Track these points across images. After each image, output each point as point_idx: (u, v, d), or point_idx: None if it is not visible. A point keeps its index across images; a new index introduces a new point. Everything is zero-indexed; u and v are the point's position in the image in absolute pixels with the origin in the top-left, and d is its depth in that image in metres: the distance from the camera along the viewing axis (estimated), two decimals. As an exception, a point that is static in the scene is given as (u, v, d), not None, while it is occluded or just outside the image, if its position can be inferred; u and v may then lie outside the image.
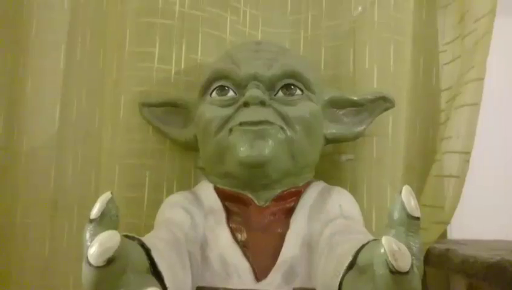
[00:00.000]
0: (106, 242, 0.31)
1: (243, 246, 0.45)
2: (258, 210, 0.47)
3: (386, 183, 0.56)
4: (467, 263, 0.46)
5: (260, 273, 0.44)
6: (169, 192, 0.54)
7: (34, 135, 0.65)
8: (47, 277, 0.62)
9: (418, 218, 0.32)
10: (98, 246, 0.31)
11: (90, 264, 0.31)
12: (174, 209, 0.48)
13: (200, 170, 0.56)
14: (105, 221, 0.33)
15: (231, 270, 0.44)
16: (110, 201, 0.33)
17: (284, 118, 0.46)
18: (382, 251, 0.30)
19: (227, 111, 0.47)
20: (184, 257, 0.43)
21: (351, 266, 0.36)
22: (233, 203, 0.48)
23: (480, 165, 0.58)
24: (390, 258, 0.30)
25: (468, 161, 0.56)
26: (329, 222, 0.45)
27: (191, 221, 0.46)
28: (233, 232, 0.46)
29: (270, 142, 0.45)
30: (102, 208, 0.33)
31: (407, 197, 0.32)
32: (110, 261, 0.31)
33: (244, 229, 0.46)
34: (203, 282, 0.44)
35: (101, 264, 0.31)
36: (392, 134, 0.57)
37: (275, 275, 0.43)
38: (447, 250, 0.49)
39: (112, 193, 0.34)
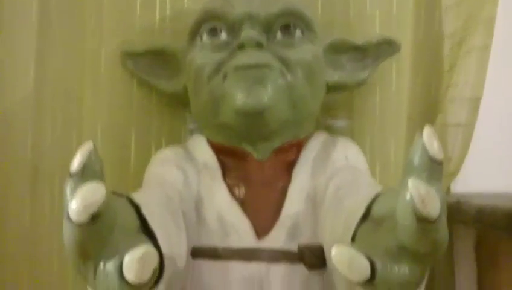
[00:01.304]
0: (89, 196, 0.27)
1: (242, 202, 0.41)
2: (257, 164, 0.43)
3: (389, 136, 0.53)
4: (483, 213, 0.43)
5: (261, 230, 0.40)
6: (158, 151, 0.50)
7: (8, 96, 0.59)
8: (29, 246, 0.58)
9: (441, 162, 0.29)
10: (80, 201, 0.27)
11: (71, 221, 0.27)
12: (165, 166, 0.44)
13: (191, 130, 0.52)
14: (87, 175, 0.28)
15: (229, 228, 0.40)
16: (92, 152, 0.29)
17: (283, 61, 0.42)
18: (408, 197, 0.27)
19: (221, 55, 0.42)
20: (178, 216, 0.39)
21: (363, 218, 0.33)
22: (229, 158, 0.44)
23: (485, 113, 0.55)
24: (418, 204, 0.26)
25: (477, 108, 0.53)
26: (335, 174, 0.41)
27: (183, 178, 0.42)
28: (230, 188, 0.42)
29: (269, 88, 0.41)
30: (83, 160, 0.29)
31: (430, 139, 0.28)
32: (94, 217, 0.27)
33: (242, 185, 0.42)
34: (200, 243, 0.40)
35: (84, 221, 0.27)
36: (396, 83, 0.53)
37: (278, 232, 0.40)
38: (458, 202, 0.46)
39: (93, 143, 0.30)
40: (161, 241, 0.32)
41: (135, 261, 0.27)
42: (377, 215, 0.32)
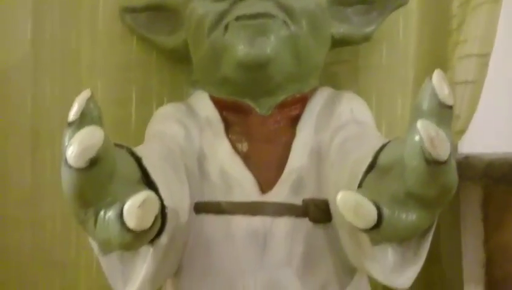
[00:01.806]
0: (87, 139, 0.26)
1: (245, 157, 0.41)
2: (260, 119, 0.42)
3: (396, 92, 0.52)
4: (493, 166, 0.42)
5: (265, 185, 0.39)
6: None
7: (5, 58, 0.58)
8: (31, 210, 0.58)
9: (451, 107, 0.28)
10: (78, 144, 0.26)
11: (70, 166, 0.26)
12: (166, 122, 0.43)
13: (193, 84, 0.51)
14: (86, 122, 0.28)
15: (233, 182, 0.39)
16: (90, 100, 0.28)
17: (287, 10, 0.40)
18: (417, 138, 0.26)
19: (222, 6, 0.41)
20: (180, 170, 0.38)
21: (369, 169, 0.32)
22: (232, 113, 0.43)
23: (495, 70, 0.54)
24: (427, 145, 0.25)
25: (486, 65, 0.51)
26: (340, 128, 0.40)
27: (185, 133, 0.41)
28: (233, 143, 0.41)
29: (272, 38, 0.39)
30: (81, 107, 0.28)
31: (440, 83, 0.27)
32: (93, 162, 0.26)
33: (245, 140, 0.41)
34: (203, 197, 0.39)
35: (83, 165, 0.26)
36: (402, 38, 0.52)
37: (282, 187, 0.39)
38: (466, 157, 0.45)
39: (91, 91, 0.29)
40: (163, 193, 0.31)
41: (136, 207, 0.27)
42: (384, 163, 0.31)
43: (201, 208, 0.39)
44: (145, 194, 0.27)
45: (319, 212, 0.38)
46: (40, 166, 0.58)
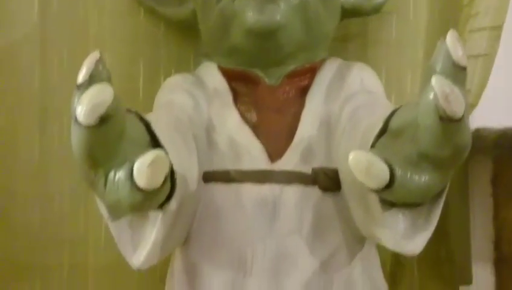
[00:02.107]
0: (97, 96, 0.26)
1: (254, 127, 0.40)
2: (269, 89, 0.42)
3: (406, 67, 0.52)
4: (504, 137, 0.41)
5: (274, 154, 0.39)
6: (167, 81, 0.49)
7: (12, 33, 0.58)
8: (40, 185, 0.58)
9: (465, 68, 0.27)
10: (88, 101, 0.26)
11: (80, 124, 0.26)
12: (174, 92, 0.42)
13: (201, 56, 0.50)
14: (95, 84, 0.27)
15: (242, 151, 0.39)
16: (99, 61, 0.28)
17: None
18: (431, 95, 0.25)
19: None
20: (188, 139, 0.38)
21: (381, 135, 0.31)
22: (240, 83, 0.42)
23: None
24: (441, 101, 0.25)
25: (498, 38, 0.50)
26: (350, 98, 0.40)
27: (193, 103, 0.41)
28: (242, 113, 0.41)
29: (283, 5, 0.39)
30: (90, 69, 0.28)
31: (454, 43, 0.27)
32: (103, 119, 0.26)
33: (254, 111, 0.41)
34: (211, 167, 0.39)
35: (92, 123, 0.26)
36: (413, 10, 0.51)
37: (291, 155, 0.39)
38: (477, 130, 0.45)
39: (100, 52, 0.29)
40: (172, 159, 0.31)
41: (146, 165, 0.27)
42: (395, 127, 0.30)
43: (210, 177, 0.39)
44: (155, 152, 0.27)
45: (328, 180, 0.38)
46: (48, 142, 0.58)
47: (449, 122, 0.25)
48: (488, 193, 0.53)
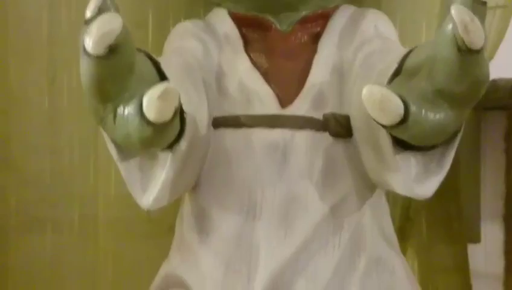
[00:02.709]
0: (106, 25, 0.26)
1: (265, 73, 0.40)
2: (280, 35, 0.41)
3: (420, 17, 0.50)
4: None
5: (285, 99, 0.38)
6: (177, 30, 0.48)
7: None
8: (50, 137, 0.58)
9: (485, 3, 0.26)
10: (97, 30, 0.25)
11: (89, 55, 0.26)
12: (184, 38, 0.42)
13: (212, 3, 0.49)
14: None
15: (252, 96, 0.39)
16: None
17: None
18: (450, 26, 0.24)
19: None
20: (198, 83, 0.38)
21: (396, 75, 0.31)
22: (251, 29, 0.41)
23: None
24: (460, 30, 0.24)
25: (519, -13, 0.49)
26: (363, 44, 0.39)
27: (203, 49, 0.41)
28: (252, 60, 0.40)
29: None
30: (98, 3, 0.27)
31: None
32: (112, 49, 0.26)
33: (264, 57, 0.40)
34: (221, 113, 0.39)
35: (101, 52, 0.26)
36: (429, -42, 0.50)
37: (302, 101, 0.38)
38: (493, 80, 0.44)
39: None
40: (182, 100, 0.31)
41: (156, 98, 0.26)
42: (411, 65, 0.30)
43: (219, 122, 0.39)
44: (165, 85, 0.27)
45: (339, 126, 0.37)
46: (57, 94, 0.58)
47: (467, 54, 0.25)
48: (501, 148, 0.52)
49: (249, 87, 0.39)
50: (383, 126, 0.28)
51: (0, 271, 0.58)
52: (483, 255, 0.58)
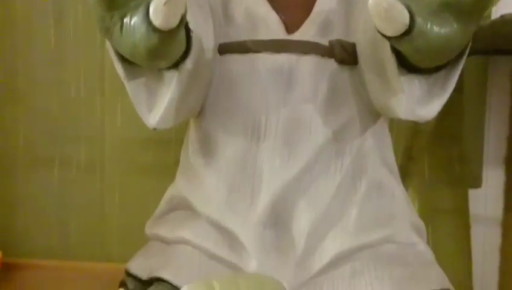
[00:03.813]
0: None
1: (271, 0, 0.39)
2: (288, -37, 0.40)
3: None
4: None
5: (291, 26, 0.38)
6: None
7: None
8: (56, 72, 0.58)
9: None
10: None
11: None
12: None
13: None
14: None
15: (258, 22, 0.38)
16: None
17: None
18: None
19: None
20: (204, 8, 0.37)
21: None
22: (259, -44, 0.41)
23: None
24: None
25: None
26: None
27: None
28: None
29: None
30: None
31: None
32: None
33: None
34: (227, 39, 0.39)
35: None
36: None
37: (309, 27, 0.38)
38: (502, 16, 0.43)
39: None
40: (188, 17, 0.31)
41: (162, 3, 0.26)
42: None
43: (225, 48, 0.38)
44: None
45: (344, 53, 0.37)
46: (63, 30, 0.58)
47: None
48: (507, 89, 0.52)
49: (256, 13, 0.38)
50: (389, 39, 0.28)
51: (10, 204, 0.59)
52: (483, 198, 0.59)
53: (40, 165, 0.60)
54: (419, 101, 0.32)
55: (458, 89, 0.54)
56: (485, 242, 0.57)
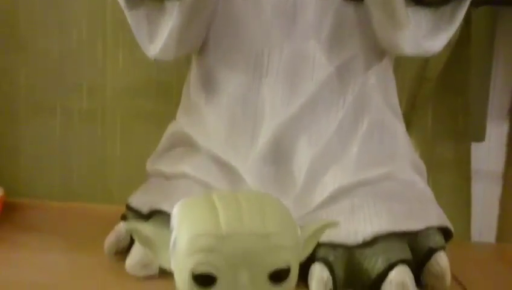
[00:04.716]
0: None
1: None
2: None
3: None
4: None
5: None
6: None
7: None
8: (58, 13, 0.57)
9: None
10: None
11: None
12: None
13: None
14: None
15: None
16: None
17: None
18: None
19: None
20: None
21: None
22: None
23: None
24: None
25: None
26: None
27: None
28: None
29: None
30: None
31: None
32: None
33: None
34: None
35: None
36: None
37: None
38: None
39: None
40: None
41: None
42: None
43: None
44: None
45: (350, -12, 0.36)
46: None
47: None
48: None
49: None
50: None
51: (13, 148, 0.59)
52: (486, 152, 0.58)
53: (41, 111, 0.60)
54: (425, 35, 0.32)
55: (465, 37, 0.53)
56: (485, 194, 0.57)
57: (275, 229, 0.20)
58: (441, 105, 0.57)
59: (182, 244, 0.20)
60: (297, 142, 0.36)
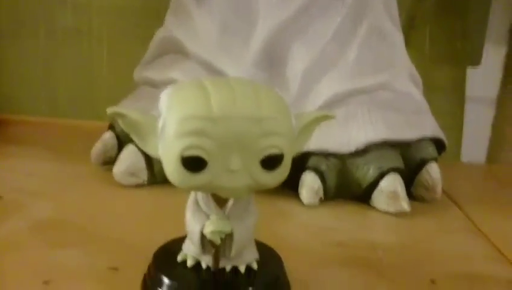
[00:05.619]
0: None
1: None
2: None
3: None
4: None
5: None
6: None
7: None
8: None
9: None
10: None
11: None
12: None
13: None
14: None
15: None
16: None
17: None
18: None
19: None
20: None
21: None
22: None
23: None
24: None
25: None
26: None
27: None
28: None
29: None
30: None
31: None
32: None
33: None
34: None
35: None
36: None
37: None
38: None
39: None
40: None
41: None
42: None
43: None
44: None
45: None
46: None
47: None
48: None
49: None
50: None
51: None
52: (481, 77, 0.57)
53: (24, 34, 0.57)
54: None
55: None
56: (478, 118, 0.57)
57: (269, 114, 0.19)
58: (439, 28, 0.55)
59: (171, 127, 0.19)
60: (292, 48, 0.34)
